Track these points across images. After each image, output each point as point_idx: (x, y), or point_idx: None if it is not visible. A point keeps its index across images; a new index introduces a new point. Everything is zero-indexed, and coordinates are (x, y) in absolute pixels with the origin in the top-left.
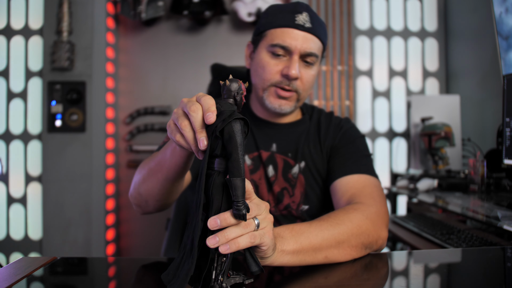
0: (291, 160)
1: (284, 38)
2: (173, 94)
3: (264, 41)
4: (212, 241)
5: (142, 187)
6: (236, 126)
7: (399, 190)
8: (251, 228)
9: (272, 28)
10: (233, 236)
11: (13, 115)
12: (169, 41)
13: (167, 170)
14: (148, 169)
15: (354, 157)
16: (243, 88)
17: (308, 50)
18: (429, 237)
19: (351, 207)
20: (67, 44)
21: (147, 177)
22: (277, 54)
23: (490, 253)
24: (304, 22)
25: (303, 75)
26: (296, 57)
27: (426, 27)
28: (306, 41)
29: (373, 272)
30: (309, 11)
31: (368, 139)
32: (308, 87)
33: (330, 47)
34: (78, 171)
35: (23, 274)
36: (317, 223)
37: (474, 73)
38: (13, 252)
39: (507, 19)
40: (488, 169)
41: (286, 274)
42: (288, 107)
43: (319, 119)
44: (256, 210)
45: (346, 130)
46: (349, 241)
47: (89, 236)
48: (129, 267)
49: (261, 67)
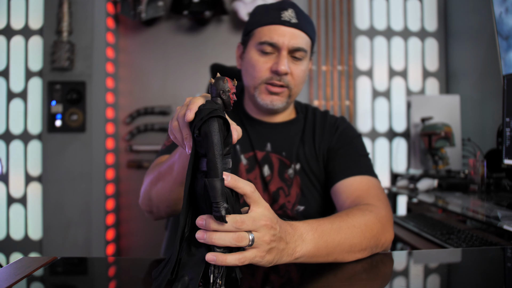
0: (286, 159)
1: (271, 35)
2: (173, 94)
3: (253, 40)
4: (199, 235)
5: (153, 191)
6: (212, 124)
7: (399, 190)
8: (242, 243)
9: (260, 27)
10: (218, 242)
11: (13, 115)
12: (169, 41)
13: (176, 173)
14: (158, 173)
15: (353, 158)
16: (230, 85)
17: (296, 45)
18: (429, 237)
19: (366, 208)
20: (67, 44)
21: (156, 181)
22: (266, 52)
23: (490, 253)
24: (290, 18)
25: (293, 70)
26: (285, 53)
27: (426, 27)
28: (294, 37)
29: (372, 272)
30: (295, 8)
31: (368, 139)
32: (299, 82)
33: (330, 47)
34: (78, 171)
35: (23, 274)
36: (337, 225)
37: (474, 73)
38: (13, 252)
39: (507, 19)
40: (488, 169)
41: (282, 273)
42: (280, 102)
43: (314, 119)
44: (250, 225)
45: (342, 130)
46: (360, 244)
47: (89, 236)
48: (129, 267)
49: (251, 66)
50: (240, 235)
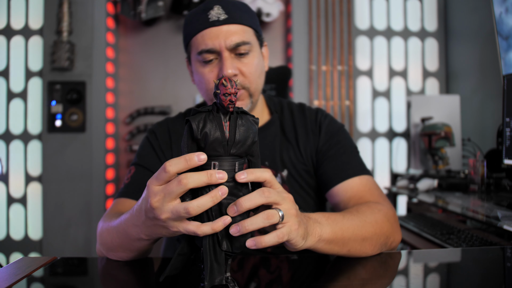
0: (270, 169)
1: (205, 42)
2: (173, 94)
3: (192, 52)
4: (233, 229)
5: (111, 255)
6: (185, 127)
7: (399, 190)
8: (274, 220)
9: (193, 37)
10: (252, 227)
11: (13, 115)
12: (169, 41)
13: (137, 249)
14: (114, 245)
15: (345, 158)
16: (221, 88)
17: (233, 42)
18: (429, 237)
19: (375, 206)
20: (67, 44)
21: (114, 248)
22: (208, 60)
23: (490, 253)
24: (218, 15)
25: (241, 68)
26: (226, 54)
27: (426, 27)
28: (228, 34)
29: (372, 271)
30: (221, 2)
31: (368, 139)
32: (254, 78)
33: (330, 47)
34: (78, 171)
35: (23, 274)
36: (348, 216)
37: (474, 73)
38: (13, 252)
39: (507, 19)
40: (488, 169)
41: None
42: (243, 106)
43: (292, 117)
44: (275, 195)
45: (326, 127)
46: (371, 239)
47: (89, 236)
48: (129, 267)
49: (199, 81)
50: (270, 212)
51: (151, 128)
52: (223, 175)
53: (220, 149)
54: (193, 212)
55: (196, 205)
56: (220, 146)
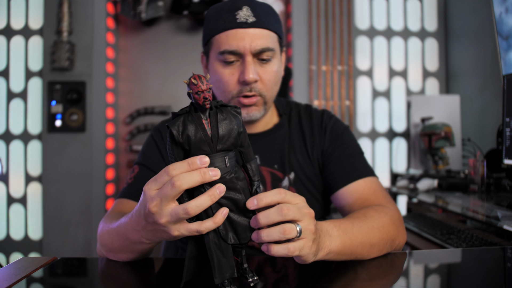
0: (278, 172)
1: (230, 42)
2: (173, 94)
3: (212, 50)
4: (254, 236)
5: (111, 256)
6: (167, 133)
7: (399, 190)
8: (290, 235)
9: (216, 34)
10: (267, 239)
11: (13, 115)
12: (169, 41)
13: (138, 251)
14: (115, 247)
15: (350, 160)
16: (193, 86)
17: (259, 47)
18: (429, 237)
19: (382, 210)
20: (67, 44)
21: (115, 250)
22: (229, 61)
23: (490, 253)
24: (247, 17)
25: (261, 75)
26: (249, 59)
27: (426, 27)
28: (255, 38)
29: (372, 271)
30: (250, 4)
31: (368, 139)
32: (271, 86)
33: (330, 47)
34: (78, 171)
35: (23, 274)
36: (357, 223)
37: (474, 73)
38: (13, 252)
39: (507, 19)
40: (488, 169)
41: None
42: (257, 112)
43: (299, 120)
44: (295, 212)
45: (331, 129)
46: (378, 245)
47: (89, 236)
48: (129, 267)
49: (218, 80)
50: (287, 227)
51: (157, 127)
52: (215, 173)
53: (205, 148)
54: (192, 212)
55: (194, 205)
56: (205, 144)
